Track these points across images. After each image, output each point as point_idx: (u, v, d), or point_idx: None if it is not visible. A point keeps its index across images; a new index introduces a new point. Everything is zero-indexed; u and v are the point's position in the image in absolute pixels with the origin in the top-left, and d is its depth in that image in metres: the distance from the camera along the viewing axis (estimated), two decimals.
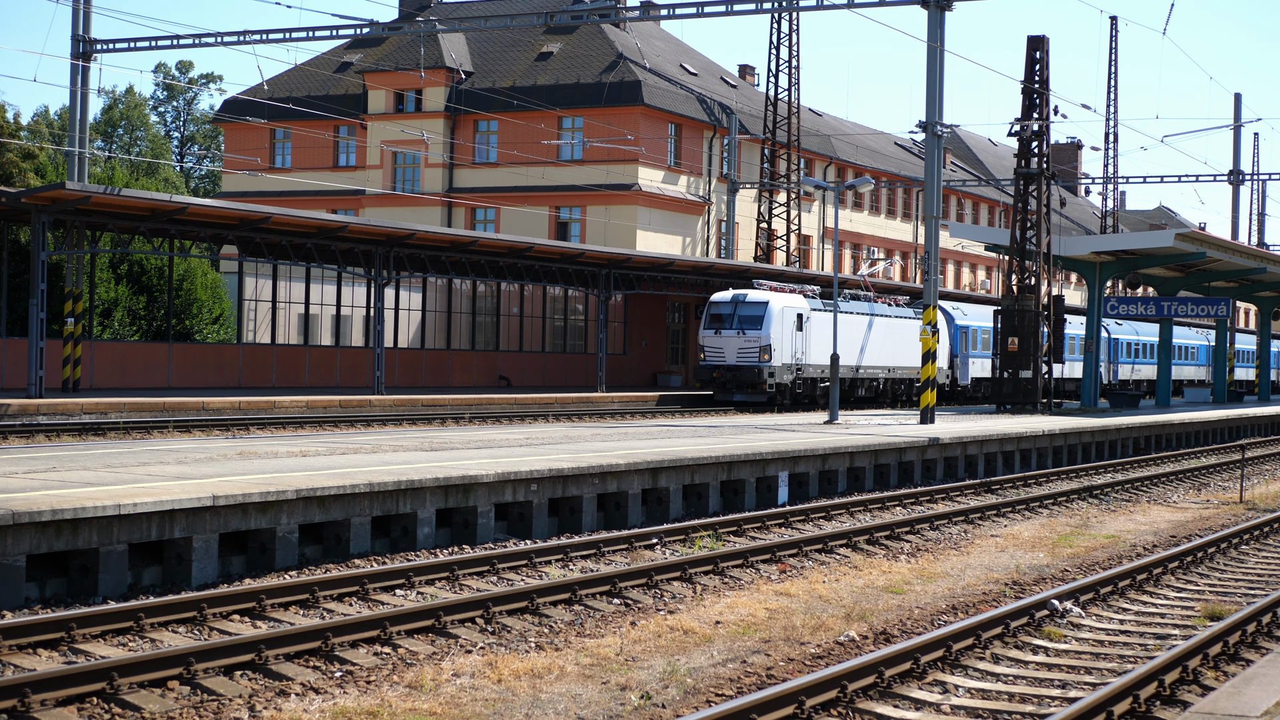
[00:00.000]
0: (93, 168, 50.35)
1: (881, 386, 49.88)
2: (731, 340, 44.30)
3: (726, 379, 44.19)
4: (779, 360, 44.10)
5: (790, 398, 44.85)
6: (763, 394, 44.00)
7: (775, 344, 43.88)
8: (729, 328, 44.41)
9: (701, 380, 45.38)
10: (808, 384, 45.76)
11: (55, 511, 12.53)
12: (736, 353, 44.11)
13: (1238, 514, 23.18)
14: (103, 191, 33.72)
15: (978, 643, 11.85)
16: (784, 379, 44.42)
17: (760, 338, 43.83)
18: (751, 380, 43.79)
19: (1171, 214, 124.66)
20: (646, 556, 16.59)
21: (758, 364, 43.80)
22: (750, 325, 44.10)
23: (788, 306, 44.63)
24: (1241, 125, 76.56)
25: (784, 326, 44.29)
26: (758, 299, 44.43)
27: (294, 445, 21.24)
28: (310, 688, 10.33)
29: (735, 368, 44.10)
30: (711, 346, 44.85)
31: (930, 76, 33.56)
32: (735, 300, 44.76)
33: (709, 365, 44.72)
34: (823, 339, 45.06)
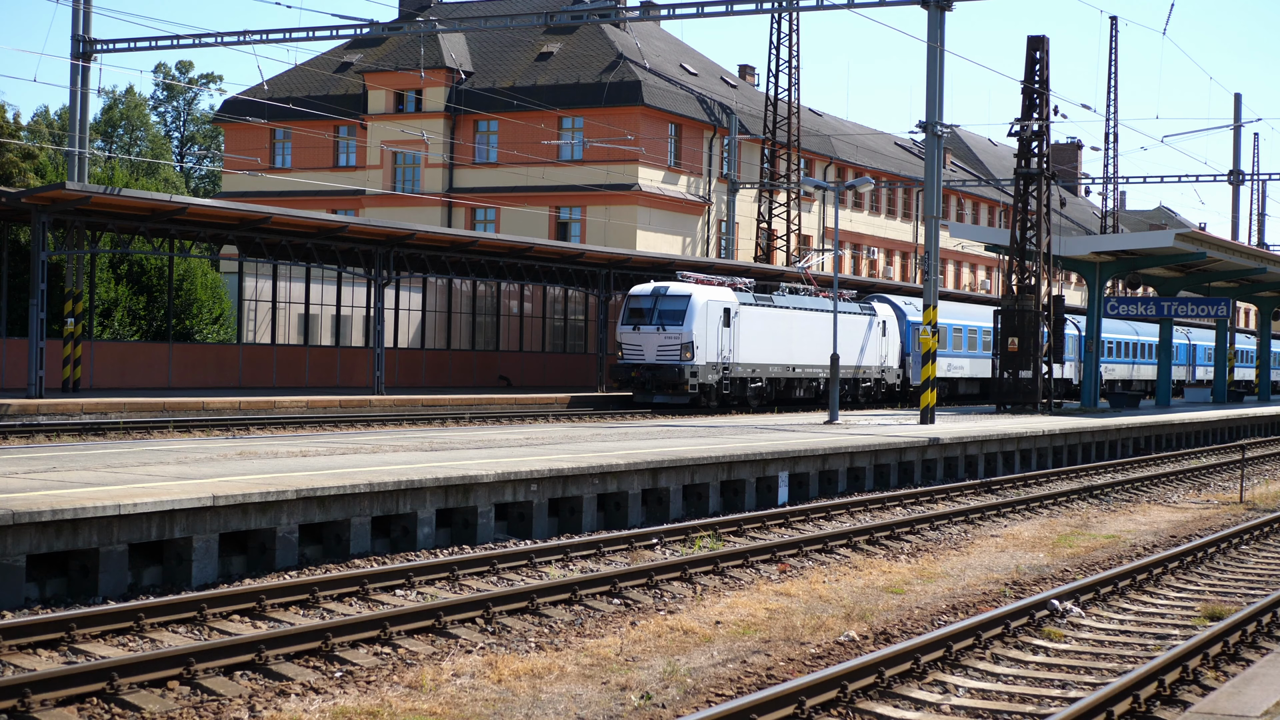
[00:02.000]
0: (93, 168, 50.36)
1: (822, 386, 46.40)
2: (651, 337, 40.92)
3: (645, 379, 40.90)
4: (703, 359, 40.78)
5: (717, 399, 41.72)
6: (684, 395, 40.71)
7: (699, 341, 40.54)
8: (649, 323, 41.03)
9: (619, 380, 42.20)
10: (736, 384, 42.63)
11: (55, 511, 12.53)
12: (656, 350, 40.73)
13: (1238, 514, 23.18)
14: (103, 191, 33.72)
15: (978, 643, 11.85)
16: (709, 379, 41.10)
17: (682, 334, 40.42)
18: (672, 380, 40.42)
19: (1171, 214, 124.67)
20: (646, 556, 16.59)
21: (679, 363, 40.41)
22: (671, 320, 40.73)
23: (713, 300, 41.27)
24: (1241, 125, 76.56)
25: (709, 322, 40.93)
26: (680, 292, 41.14)
27: (294, 445, 21.24)
28: (310, 688, 10.33)
29: (655, 367, 40.69)
30: (629, 344, 41.49)
31: (930, 76, 33.56)
32: (656, 293, 41.47)
33: (627, 364, 41.35)
34: (753, 336, 42.76)
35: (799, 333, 44.98)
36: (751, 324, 42.67)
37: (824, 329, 44.70)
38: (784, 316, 44.48)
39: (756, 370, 43.00)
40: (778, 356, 44.01)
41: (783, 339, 44.23)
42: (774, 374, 43.91)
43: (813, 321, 45.73)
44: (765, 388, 43.74)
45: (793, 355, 44.81)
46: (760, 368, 43.12)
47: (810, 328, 45.46)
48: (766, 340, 43.42)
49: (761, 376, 43.29)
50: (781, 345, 44.14)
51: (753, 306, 42.84)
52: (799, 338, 44.97)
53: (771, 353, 43.75)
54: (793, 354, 44.81)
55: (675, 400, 40.83)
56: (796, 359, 45.00)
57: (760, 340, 43.08)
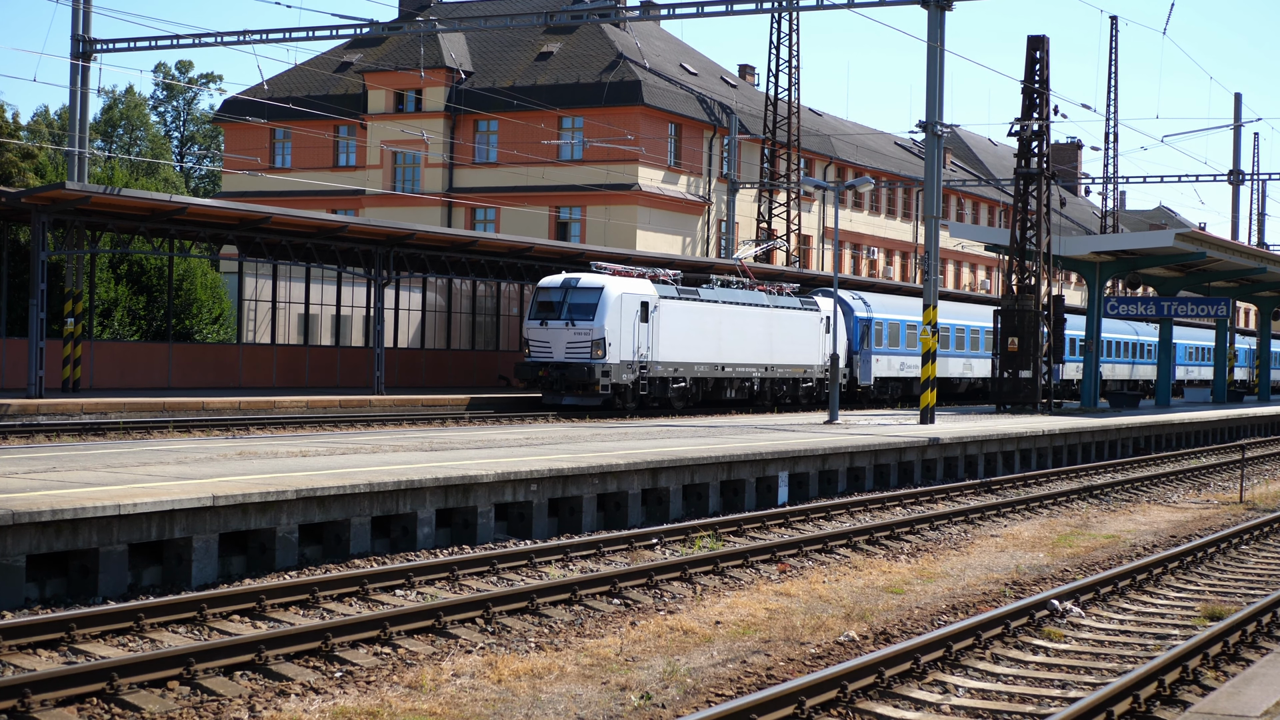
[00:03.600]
0: (93, 168, 50.36)
1: (757, 386, 43.56)
2: (559, 332, 37.53)
3: (554, 378, 37.58)
4: (617, 357, 37.40)
5: (634, 401, 38.42)
6: (596, 396, 37.43)
7: (612, 337, 37.18)
8: (557, 318, 37.68)
9: (525, 379, 38.71)
10: (656, 385, 39.21)
11: (55, 511, 12.53)
12: (565, 347, 37.36)
13: (1238, 514, 23.18)
14: (103, 191, 33.72)
15: (978, 643, 11.85)
16: (624, 379, 37.67)
17: (592, 329, 37.02)
18: (582, 380, 37.11)
19: (1171, 214, 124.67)
20: (646, 556, 16.59)
21: (589, 361, 37.01)
22: (581, 315, 37.31)
23: (629, 293, 37.94)
24: (1241, 125, 76.57)
25: (623, 317, 37.60)
26: (591, 284, 37.76)
27: (294, 445, 21.24)
28: (310, 688, 10.33)
29: (564, 365, 37.32)
30: (537, 340, 38.07)
31: (930, 76, 33.56)
32: (566, 285, 38.11)
33: (534, 362, 37.96)
34: (676, 332, 39.54)
35: (730, 329, 41.85)
36: (674, 319, 39.52)
37: (758, 325, 42.85)
38: (712, 311, 41.22)
39: (680, 369, 39.87)
40: (705, 354, 40.92)
41: (711, 336, 41.07)
42: (700, 373, 40.83)
43: (746, 317, 42.66)
44: (690, 388, 40.73)
45: (722, 353, 41.65)
46: (684, 367, 40.03)
47: (742, 323, 42.42)
48: (692, 337, 40.42)
49: (685, 376, 40.23)
50: (709, 342, 41.02)
51: (675, 300, 39.77)
52: (730, 334, 41.83)
53: (698, 350, 40.64)
54: (722, 352, 41.64)
55: (586, 402, 37.67)
56: (727, 357, 41.86)
57: (684, 337, 39.97)
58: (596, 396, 37.35)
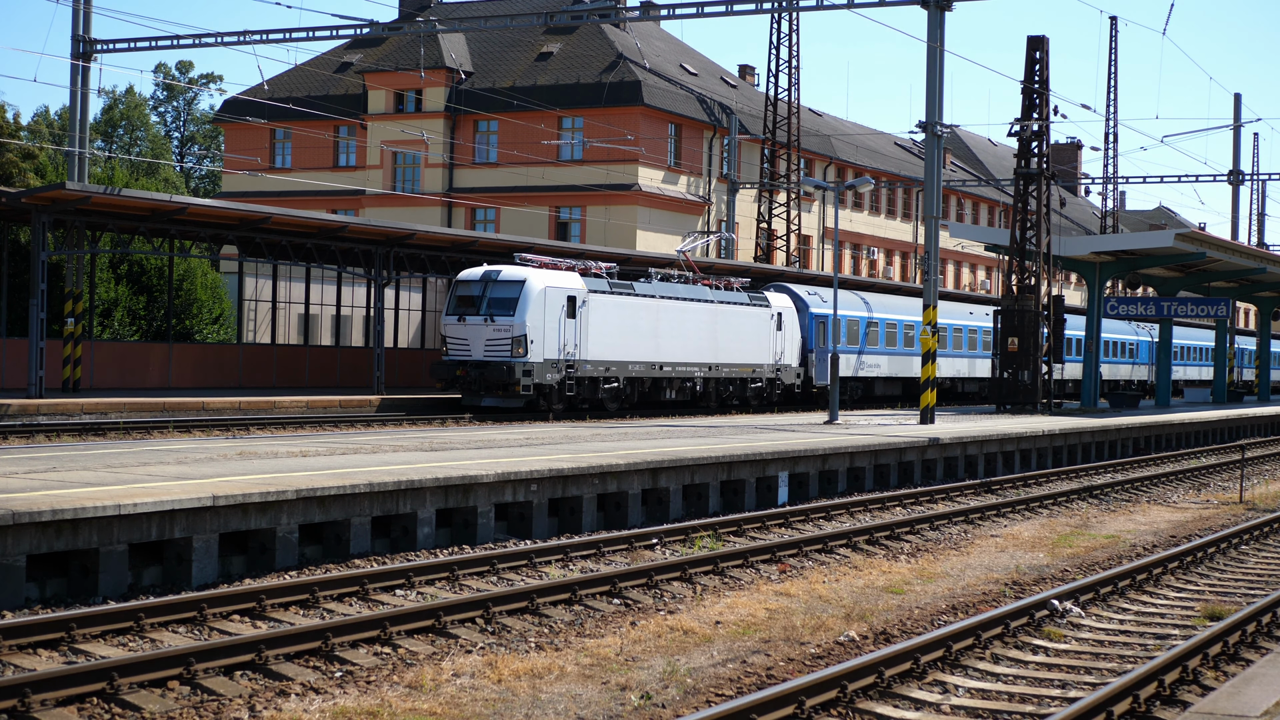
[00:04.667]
0: (93, 168, 50.37)
1: (700, 387, 41.06)
2: (478, 329, 34.94)
3: (472, 378, 34.88)
4: (540, 355, 34.89)
5: (561, 402, 36.00)
6: (517, 398, 34.84)
7: (534, 334, 34.65)
8: (476, 313, 35.09)
9: (441, 379, 35.78)
10: (585, 385, 36.78)
11: (55, 511, 12.53)
12: (484, 345, 34.80)
13: (1238, 514, 23.18)
14: (103, 191, 33.72)
15: (978, 643, 11.86)
16: (548, 379, 35.20)
17: (513, 326, 34.49)
18: (501, 380, 34.45)
19: (1171, 214, 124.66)
20: (646, 556, 16.59)
21: (510, 360, 34.44)
22: (501, 310, 34.78)
23: (553, 287, 35.41)
24: (1241, 125, 76.55)
25: (547, 312, 35.05)
26: (512, 276, 35.19)
27: (294, 445, 21.24)
28: (310, 688, 10.33)
29: (482, 364, 34.69)
30: (455, 337, 35.47)
31: (930, 76, 33.57)
32: (485, 279, 35.44)
33: (452, 361, 35.33)
34: (608, 329, 37.01)
35: (668, 326, 39.29)
36: (605, 315, 36.96)
37: (701, 321, 40.46)
38: (649, 307, 38.57)
39: (612, 369, 37.30)
40: (641, 353, 38.29)
41: (647, 333, 38.46)
42: (635, 373, 38.25)
43: (687, 313, 40.06)
44: (624, 389, 38.19)
45: (660, 351, 39.02)
46: (617, 366, 37.47)
47: (682, 320, 39.80)
48: (626, 334, 37.79)
49: (619, 376, 37.66)
50: (646, 340, 38.40)
51: (607, 295, 37.19)
52: (668, 331, 39.30)
53: (632, 349, 38.02)
54: (660, 350, 39.02)
55: (506, 404, 35.08)
56: (665, 356, 39.26)
57: (617, 334, 37.39)
58: (517, 398, 34.85)
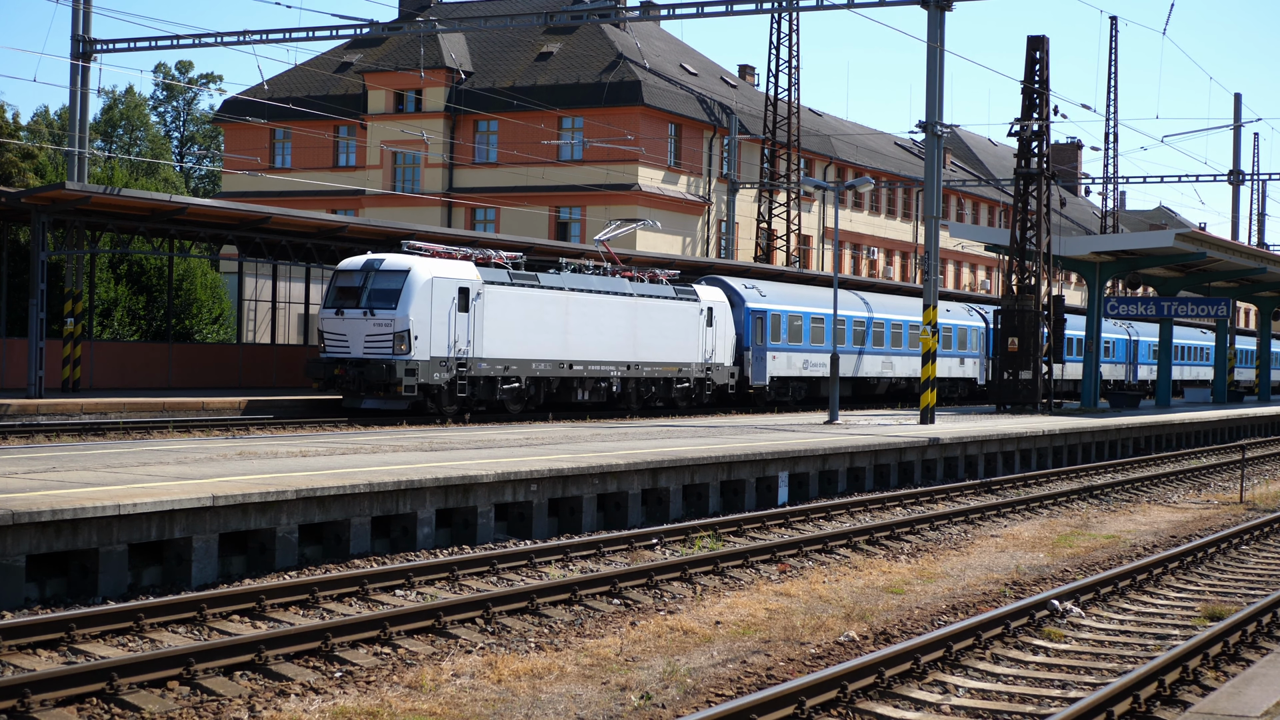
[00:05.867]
0: (93, 168, 50.36)
1: (618, 387, 38.06)
2: (357, 324, 31.97)
3: (351, 378, 31.85)
4: (426, 352, 31.87)
5: (453, 403, 33.06)
6: (400, 399, 32.01)
7: (419, 329, 31.70)
8: (356, 306, 32.15)
9: (317, 378, 32.50)
10: (481, 385, 33.69)
11: (55, 511, 12.53)
12: (364, 341, 31.87)
13: (1238, 514, 23.18)
14: (103, 191, 33.72)
15: (978, 643, 11.85)
16: (435, 378, 32.17)
17: (394, 320, 31.60)
18: (381, 379, 31.46)
19: (1171, 214, 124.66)
20: (646, 557, 16.59)
21: (391, 357, 31.49)
22: (382, 302, 31.85)
23: (442, 277, 32.35)
24: (1241, 125, 76.58)
25: (435, 305, 32.07)
26: (396, 266, 32.22)
27: (294, 445, 21.24)
28: (310, 688, 10.33)
29: (361, 362, 31.73)
30: (332, 333, 32.39)
31: (930, 76, 33.57)
32: (367, 268, 32.50)
33: (329, 359, 32.20)
34: (507, 324, 34.00)
35: (580, 320, 36.23)
36: (504, 308, 33.90)
37: (619, 316, 37.54)
38: (556, 300, 35.58)
39: (512, 367, 34.24)
40: (546, 350, 35.24)
41: (554, 328, 35.44)
42: (541, 372, 35.19)
43: (602, 307, 36.99)
44: (527, 389, 35.23)
45: (570, 349, 35.98)
46: (518, 364, 34.44)
47: (597, 314, 36.78)
48: (529, 329, 34.80)
49: (520, 375, 34.61)
50: (552, 336, 35.41)
51: (506, 286, 34.10)
52: (580, 327, 36.27)
53: (536, 345, 34.96)
54: (570, 347, 35.99)
55: (389, 405, 32.29)
56: (576, 353, 36.22)
57: (518, 329, 34.39)
58: (400, 399, 32.00)
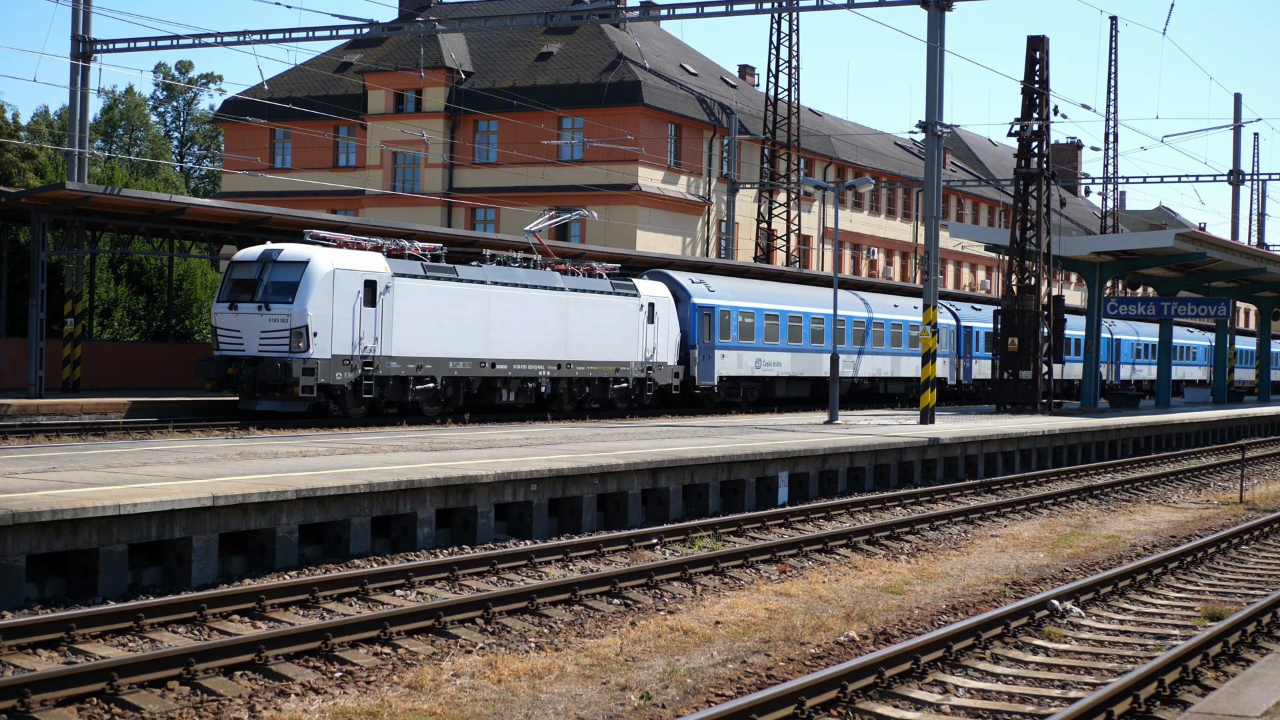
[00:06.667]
0: (93, 168, 50.38)
1: (548, 388, 35.67)
2: (252, 319, 29.59)
3: (245, 377, 29.39)
4: (327, 350, 29.51)
5: (359, 405, 30.67)
6: (298, 401, 29.48)
7: (319, 324, 29.37)
8: (251, 300, 29.72)
9: (209, 378, 30.07)
10: (390, 386, 31.39)
11: (55, 511, 12.53)
12: (259, 338, 29.51)
13: (1238, 514, 23.18)
14: (103, 192, 33.72)
15: (978, 643, 11.85)
16: (338, 378, 29.73)
17: (291, 315, 29.19)
18: (276, 379, 28.95)
19: (1171, 214, 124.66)
20: (646, 557, 16.59)
21: (288, 355, 29.01)
22: (279, 296, 29.44)
23: (346, 269, 30.00)
24: (1241, 125, 76.58)
25: (338, 298, 29.73)
26: (294, 256, 29.73)
27: (294, 445, 21.24)
28: (310, 688, 10.33)
29: (256, 360, 29.28)
30: (226, 329, 29.98)
31: (930, 76, 33.57)
32: (264, 259, 30.00)
33: (223, 357, 29.81)
34: (420, 319, 31.66)
35: (504, 316, 33.91)
36: (417, 303, 31.58)
37: (549, 312, 35.27)
38: (477, 294, 33.18)
39: (426, 366, 31.90)
40: (466, 348, 32.90)
41: (474, 325, 33.07)
42: (459, 371, 32.83)
43: (529, 301, 34.67)
44: (443, 389, 32.85)
45: (493, 347, 33.60)
46: (433, 363, 32.11)
47: (523, 310, 34.43)
48: (446, 326, 32.48)
49: (435, 375, 32.26)
50: (473, 333, 33.05)
51: (420, 279, 31.75)
52: (504, 324, 33.93)
53: (454, 343, 32.64)
54: (493, 345, 33.60)
55: (286, 407, 29.90)
56: (499, 351, 33.84)
57: (433, 326, 32.10)
58: (298, 400, 29.53)
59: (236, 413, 31.17)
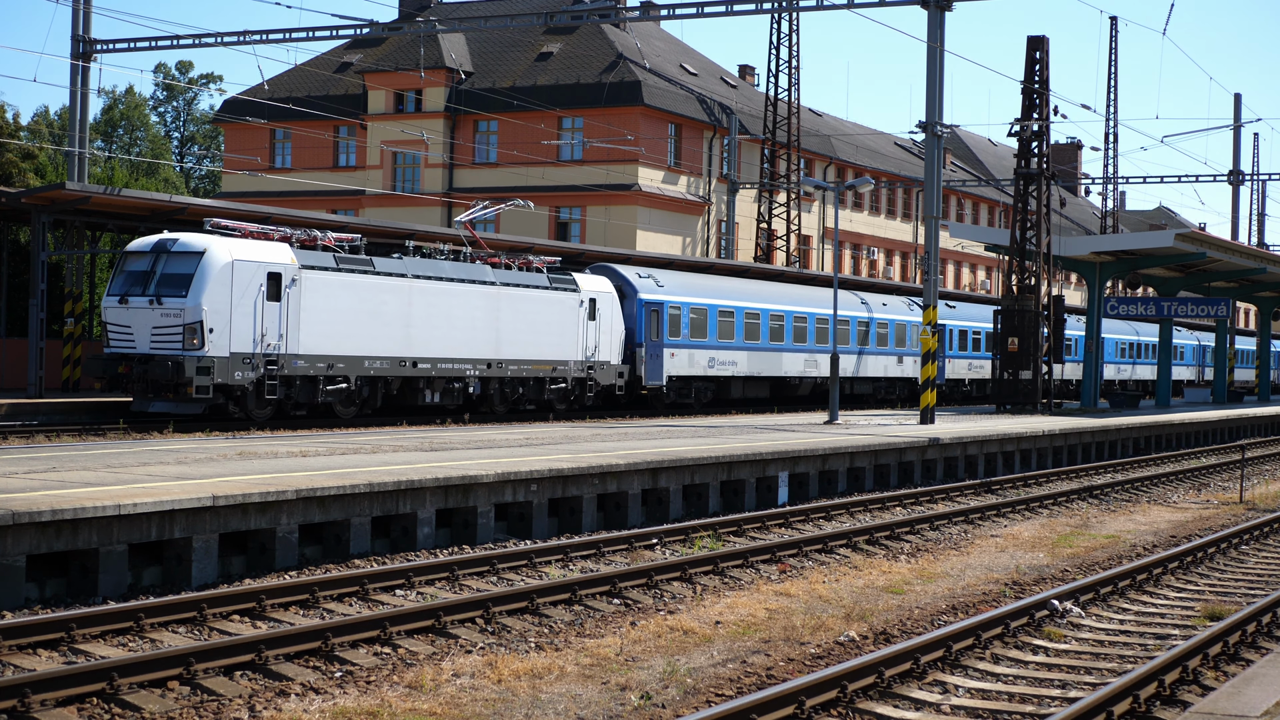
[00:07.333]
0: (93, 168, 50.40)
1: (476, 388, 33.54)
2: (144, 313, 27.37)
3: (136, 376, 27.28)
4: (225, 348, 27.37)
5: (262, 405, 28.57)
6: (192, 402, 27.32)
7: (216, 320, 27.21)
8: (143, 293, 27.54)
9: (99, 376, 28.14)
10: (298, 386, 29.21)
11: (55, 511, 12.53)
12: (151, 334, 27.34)
13: (1238, 514, 23.18)
14: (102, 192, 33.73)
15: (978, 643, 11.85)
16: (237, 377, 27.60)
17: (184, 309, 27.00)
18: (168, 378, 26.78)
19: (1171, 214, 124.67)
20: (646, 557, 16.60)
21: (180, 353, 26.89)
22: (172, 289, 27.25)
23: (247, 261, 27.86)
24: (1241, 125, 76.60)
25: (237, 292, 27.61)
26: (190, 246, 27.60)
27: (294, 445, 21.24)
28: (310, 688, 10.33)
29: (147, 359, 27.14)
30: (116, 324, 27.83)
31: (930, 76, 33.57)
32: (158, 249, 27.82)
33: (113, 355, 27.71)
34: (330, 315, 29.53)
35: (427, 312, 31.86)
36: (329, 298, 29.51)
37: (476, 307, 33.20)
38: (396, 288, 31.14)
39: (338, 365, 29.76)
40: (383, 345, 30.85)
41: (394, 321, 31.12)
42: (376, 370, 30.76)
43: (455, 296, 32.66)
44: (358, 390, 30.83)
45: (414, 344, 31.56)
46: (346, 361, 29.99)
47: (448, 305, 32.39)
48: (361, 322, 30.42)
49: (349, 374, 30.13)
50: (392, 330, 31.06)
51: (331, 272, 29.65)
52: (428, 320, 31.92)
53: (370, 340, 30.59)
54: (414, 343, 31.57)
55: (181, 409, 27.71)
56: (422, 349, 31.80)
57: (347, 322, 29.99)
58: (192, 402, 27.37)
59: (129, 415, 28.87)
